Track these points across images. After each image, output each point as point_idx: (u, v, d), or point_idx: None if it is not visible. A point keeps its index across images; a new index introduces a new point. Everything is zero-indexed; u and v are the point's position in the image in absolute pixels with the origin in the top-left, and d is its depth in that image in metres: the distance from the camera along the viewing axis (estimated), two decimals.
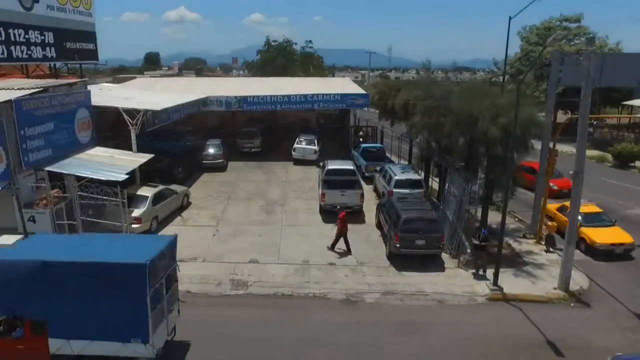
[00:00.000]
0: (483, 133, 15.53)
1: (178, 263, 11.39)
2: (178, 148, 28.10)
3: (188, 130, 30.85)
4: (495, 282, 14.33)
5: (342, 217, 16.43)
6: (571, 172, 13.93)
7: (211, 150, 27.03)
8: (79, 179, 16.39)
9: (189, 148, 29.14)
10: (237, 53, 67.01)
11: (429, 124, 17.76)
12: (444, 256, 16.23)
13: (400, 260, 15.64)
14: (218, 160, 26.84)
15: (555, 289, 14.49)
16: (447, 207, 18.02)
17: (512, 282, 14.75)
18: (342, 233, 16.38)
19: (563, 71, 17.01)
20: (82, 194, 15.54)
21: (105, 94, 24.30)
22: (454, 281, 14.76)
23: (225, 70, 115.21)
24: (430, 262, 15.64)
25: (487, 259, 15.00)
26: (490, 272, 14.69)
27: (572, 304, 13.90)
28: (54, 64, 26.72)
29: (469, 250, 16.01)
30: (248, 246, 16.87)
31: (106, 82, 40.86)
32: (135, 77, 48.81)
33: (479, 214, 18.18)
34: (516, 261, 16.50)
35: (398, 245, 15.19)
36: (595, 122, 43.71)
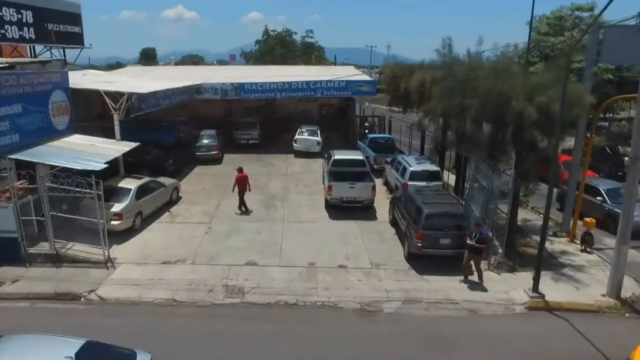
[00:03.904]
0: (517, 115, 13.38)
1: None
2: (170, 139, 25.92)
3: (181, 120, 28.65)
4: (535, 288, 12.20)
5: (240, 177, 17.48)
6: (627, 159, 11.84)
7: (205, 141, 24.88)
8: (51, 168, 14.28)
9: (182, 139, 26.98)
10: (234, 52, 64.66)
11: (450, 107, 15.60)
12: None
13: (422, 262, 13.53)
14: (212, 152, 24.67)
15: (604, 295, 12.40)
16: (471, 201, 15.93)
17: (552, 288, 12.64)
18: (240, 193, 17.42)
19: (605, 47, 14.83)
20: (53, 185, 13.41)
21: (89, 79, 22.15)
22: (486, 286, 12.64)
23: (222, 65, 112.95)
24: (455, 264, 13.44)
25: (479, 264, 12.89)
26: (491, 280, 12.63)
27: (626, 314, 11.80)
28: (33, 47, 24.48)
29: (500, 251, 13.91)
30: (245, 246, 14.73)
31: None
32: None
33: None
34: (551, 263, 14.39)
35: (420, 245, 13.05)
36: (611, 115, 41.80)
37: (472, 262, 12.87)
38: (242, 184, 17.50)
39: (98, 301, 11.75)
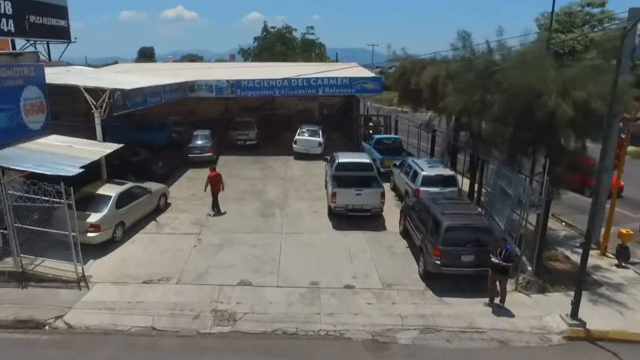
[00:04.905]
0: (549, 113, 11.69)
1: None
2: (161, 139, 24.33)
3: (174, 120, 26.98)
4: (574, 314, 10.51)
5: (213, 175, 16.48)
6: None
7: (199, 142, 23.13)
8: (21, 173, 12.61)
9: (174, 140, 25.32)
10: (234, 52, 63.16)
11: (472, 103, 13.93)
12: None
13: (439, 280, 11.82)
14: (206, 154, 22.88)
15: None
16: (492, 211, 14.24)
17: (591, 312, 10.93)
18: (213, 193, 16.46)
19: None
20: (17, 194, 11.75)
21: (72, 74, 20.47)
22: (516, 311, 10.93)
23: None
24: (478, 284, 11.70)
25: (505, 286, 11.12)
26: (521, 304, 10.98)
27: None
28: (13, 41, 22.82)
29: (529, 268, 12.21)
30: (238, 261, 13.02)
31: None
32: None
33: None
34: (585, 280, 12.61)
35: (438, 262, 11.34)
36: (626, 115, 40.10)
37: (497, 283, 11.19)
38: (215, 183, 16.44)
39: (65, 330, 10.06)
